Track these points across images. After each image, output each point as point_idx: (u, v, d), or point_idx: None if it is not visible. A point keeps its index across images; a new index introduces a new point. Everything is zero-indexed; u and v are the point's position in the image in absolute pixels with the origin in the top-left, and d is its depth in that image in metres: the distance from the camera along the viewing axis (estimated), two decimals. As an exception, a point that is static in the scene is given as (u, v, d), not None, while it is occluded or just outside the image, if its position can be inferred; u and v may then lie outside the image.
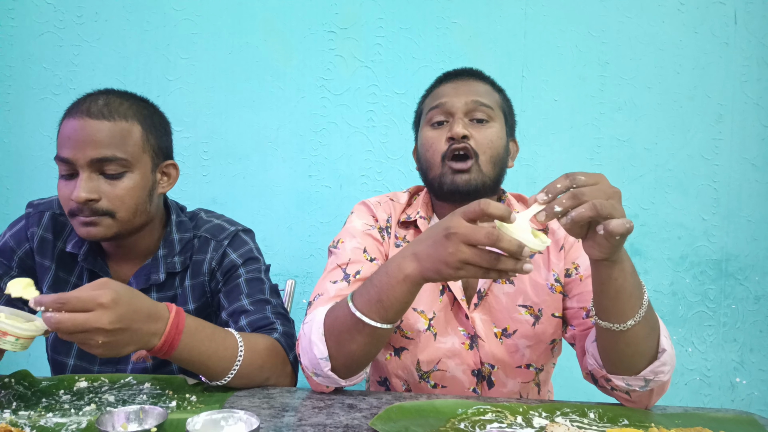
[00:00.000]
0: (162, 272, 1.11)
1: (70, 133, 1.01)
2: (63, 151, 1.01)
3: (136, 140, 1.05)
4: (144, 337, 0.85)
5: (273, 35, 1.89)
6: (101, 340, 0.80)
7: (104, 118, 1.02)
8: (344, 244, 1.12)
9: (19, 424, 0.81)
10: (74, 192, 0.99)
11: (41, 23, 1.88)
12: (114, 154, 1.01)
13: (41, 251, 1.12)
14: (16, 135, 1.90)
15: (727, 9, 1.87)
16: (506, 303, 1.09)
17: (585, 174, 0.77)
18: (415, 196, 1.24)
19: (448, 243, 0.77)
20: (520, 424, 0.85)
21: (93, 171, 1.01)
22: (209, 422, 0.74)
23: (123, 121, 1.04)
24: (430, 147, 1.09)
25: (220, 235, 1.16)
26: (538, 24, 1.88)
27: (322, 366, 0.93)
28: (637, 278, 0.86)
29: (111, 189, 1.02)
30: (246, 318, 1.07)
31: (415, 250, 0.84)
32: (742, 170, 1.90)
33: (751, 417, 0.91)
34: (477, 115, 1.08)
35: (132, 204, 1.04)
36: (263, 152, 1.90)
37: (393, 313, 0.86)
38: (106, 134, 1.01)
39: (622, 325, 0.85)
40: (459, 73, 1.15)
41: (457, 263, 0.77)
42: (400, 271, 0.84)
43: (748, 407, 1.90)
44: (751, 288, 1.92)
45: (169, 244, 1.13)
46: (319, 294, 1.05)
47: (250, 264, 1.15)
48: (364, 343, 0.89)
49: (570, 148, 1.91)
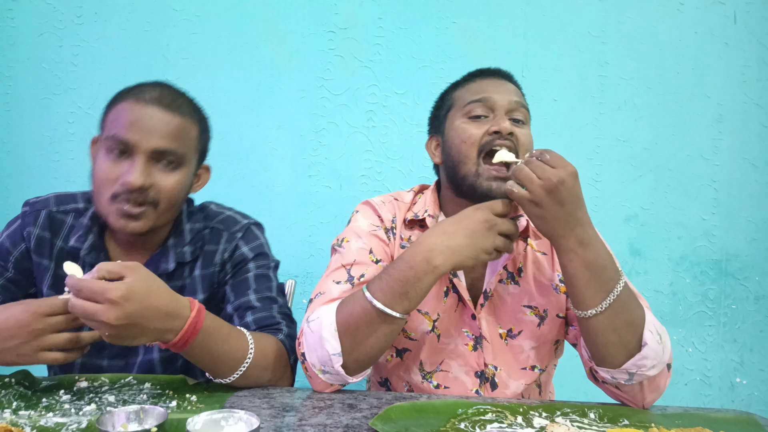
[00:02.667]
0: (172, 261, 1.10)
1: (137, 118, 1.01)
2: (124, 132, 1.00)
3: (193, 139, 1.08)
4: (157, 333, 0.86)
5: (273, 35, 1.89)
6: (107, 332, 0.83)
7: (173, 111, 1.04)
8: (349, 243, 1.11)
9: (20, 424, 0.81)
10: (131, 176, 0.99)
11: (41, 23, 1.88)
12: (175, 148, 1.03)
13: (39, 251, 1.10)
14: (15, 135, 1.90)
15: (726, 9, 1.87)
16: (511, 303, 1.09)
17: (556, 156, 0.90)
18: (419, 194, 1.22)
19: (489, 233, 0.94)
20: (520, 424, 0.85)
21: (150, 159, 1.02)
22: (209, 422, 0.74)
23: (188, 119, 1.06)
24: (468, 138, 1.05)
25: (233, 227, 1.17)
26: (537, 24, 1.88)
27: (333, 362, 0.93)
28: (601, 272, 0.90)
29: (163, 180, 1.03)
30: (252, 315, 1.08)
31: (447, 242, 0.93)
32: (741, 170, 1.90)
33: (752, 417, 0.91)
34: (516, 115, 1.07)
35: (175, 198, 1.05)
36: (263, 152, 1.90)
37: (415, 303, 0.94)
38: (173, 128, 1.03)
39: (583, 313, 0.91)
40: (494, 72, 1.15)
41: (492, 249, 0.95)
42: (429, 264, 0.92)
43: (748, 407, 1.90)
44: (751, 288, 1.92)
45: (179, 234, 1.13)
46: (321, 292, 1.05)
47: (260, 259, 1.15)
48: (384, 335, 0.94)
49: (570, 148, 1.90)
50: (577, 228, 0.90)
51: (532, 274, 1.11)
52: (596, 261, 0.90)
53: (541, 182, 0.88)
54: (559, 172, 0.88)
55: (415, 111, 1.88)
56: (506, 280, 1.10)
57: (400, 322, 0.94)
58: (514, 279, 1.10)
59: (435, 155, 1.17)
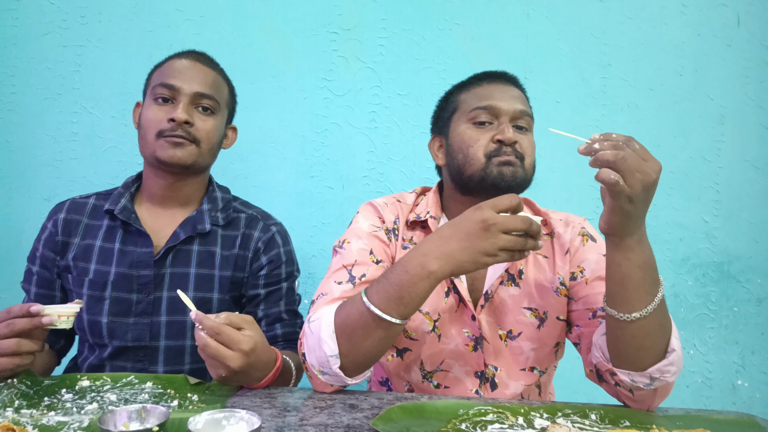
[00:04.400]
0: (207, 223, 1.22)
1: (182, 68, 1.20)
2: (171, 79, 1.18)
3: (225, 94, 1.27)
4: (251, 379, 0.97)
5: (275, 36, 1.89)
6: (224, 374, 0.92)
7: (211, 66, 1.25)
8: (350, 244, 1.11)
9: (21, 423, 0.81)
10: (176, 112, 1.15)
11: (44, 23, 1.88)
12: (212, 94, 1.21)
13: (66, 231, 1.22)
14: (19, 135, 1.90)
15: (729, 11, 1.87)
16: (512, 305, 1.09)
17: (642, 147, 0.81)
18: (421, 196, 1.23)
19: (487, 234, 0.86)
20: (521, 425, 0.85)
21: (191, 103, 1.18)
22: (211, 422, 0.74)
23: (221, 76, 1.27)
24: (474, 144, 1.07)
25: (268, 220, 1.30)
26: (539, 25, 1.89)
27: (331, 363, 0.93)
28: (651, 274, 0.87)
29: (202, 122, 1.19)
30: (282, 328, 1.23)
31: (443, 248, 0.88)
32: (743, 172, 1.90)
33: (753, 419, 0.91)
34: (520, 123, 1.09)
35: (212, 140, 1.22)
36: (265, 153, 1.90)
37: (411, 309, 0.91)
38: (211, 78, 1.23)
39: (626, 315, 0.87)
40: (500, 76, 1.15)
41: (495, 251, 0.86)
42: (424, 269, 0.89)
43: (750, 409, 1.90)
44: (753, 290, 1.91)
45: (213, 200, 1.27)
46: (323, 293, 1.05)
47: (290, 266, 1.28)
48: (380, 339, 0.92)
49: (571, 150, 1.90)
50: (642, 226, 0.86)
51: (533, 276, 1.11)
52: (649, 262, 0.86)
53: (640, 177, 0.79)
54: (654, 166, 0.80)
55: (418, 112, 1.88)
56: (507, 281, 1.10)
57: (396, 327, 0.92)
58: (515, 281, 1.10)
59: (438, 156, 1.17)
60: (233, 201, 1.30)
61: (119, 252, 1.18)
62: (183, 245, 1.20)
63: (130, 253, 1.18)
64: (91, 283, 1.17)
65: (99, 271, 1.17)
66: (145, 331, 1.15)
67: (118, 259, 1.17)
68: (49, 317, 0.94)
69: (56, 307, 0.96)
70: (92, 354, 1.19)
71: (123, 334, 1.15)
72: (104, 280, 1.16)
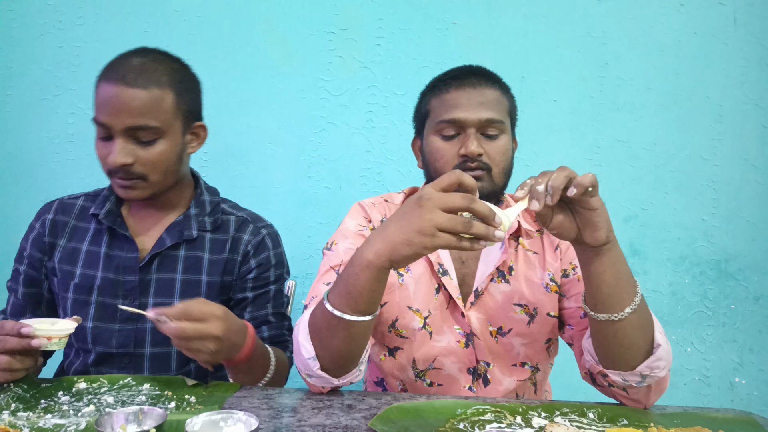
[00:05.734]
0: (195, 229, 1.17)
1: (107, 99, 1.05)
2: (100, 115, 1.06)
3: (169, 107, 1.08)
4: (234, 348, 0.96)
5: (273, 36, 1.89)
6: (213, 347, 0.90)
7: (139, 86, 1.05)
8: (338, 245, 1.12)
9: (18, 426, 0.81)
10: (110, 156, 1.05)
11: (41, 24, 1.88)
12: (147, 123, 1.05)
13: (53, 232, 1.19)
14: (16, 136, 1.90)
15: (726, 10, 1.87)
16: (502, 302, 1.10)
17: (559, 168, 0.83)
18: (409, 196, 1.23)
19: (422, 210, 0.78)
20: (519, 425, 0.85)
21: (128, 137, 1.06)
22: (208, 423, 0.74)
23: (157, 89, 1.06)
24: (441, 158, 1.09)
25: (258, 222, 1.25)
26: (537, 25, 1.88)
27: (311, 366, 0.92)
28: (626, 276, 0.88)
29: (144, 154, 1.07)
30: (268, 331, 1.18)
31: (382, 233, 0.83)
32: (741, 171, 1.90)
33: (751, 417, 0.91)
34: (489, 132, 1.08)
35: (163, 168, 1.10)
36: (263, 153, 1.90)
37: (363, 303, 0.85)
38: (141, 103, 1.04)
39: (614, 315, 0.88)
40: (468, 75, 1.11)
41: (432, 229, 0.77)
42: (363, 259, 0.84)
43: (748, 407, 1.89)
44: (751, 288, 1.92)
45: (200, 204, 1.21)
46: (313, 296, 1.06)
47: (279, 268, 1.23)
48: (344, 339, 0.89)
49: (570, 149, 1.91)
50: (611, 229, 0.87)
51: (523, 273, 1.11)
52: (623, 261, 0.89)
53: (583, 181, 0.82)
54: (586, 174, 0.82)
55: (415, 112, 1.88)
56: (497, 278, 1.11)
57: (356, 324, 0.87)
58: (505, 277, 1.11)
59: (418, 158, 1.20)
60: (222, 203, 1.25)
61: (105, 256, 1.15)
62: (169, 251, 1.15)
63: (116, 258, 1.14)
64: (76, 287, 1.14)
65: (85, 275, 1.14)
66: (130, 337, 1.13)
67: (104, 263, 1.15)
68: (38, 340, 0.90)
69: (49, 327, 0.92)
70: (78, 359, 1.17)
71: (107, 340, 1.12)
72: (90, 284, 1.14)
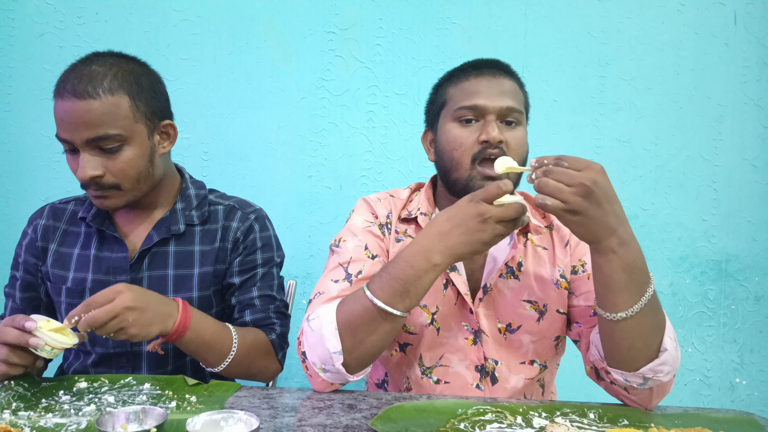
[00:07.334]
0: (182, 223, 1.17)
1: (63, 115, 1.03)
2: (59, 131, 1.05)
3: (126, 112, 1.05)
4: (163, 317, 0.96)
5: (273, 36, 1.89)
6: (131, 317, 0.91)
7: (90, 97, 1.01)
8: (346, 242, 1.12)
9: (19, 425, 0.81)
10: (79, 171, 1.04)
11: (41, 24, 1.88)
12: (107, 132, 1.03)
13: (45, 237, 1.19)
14: (16, 136, 1.90)
15: (727, 10, 1.87)
16: (511, 298, 1.09)
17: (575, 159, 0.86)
18: (416, 192, 1.23)
19: (485, 226, 0.90)
20: (519, 425, 0.85)
21: (92, 149, 1.04)
22: (209, 423, 0.74)
23: (109, 96, 1.03)
24: (459, 146, 1.06)
25: (246, 208, 1.24)
26: (538, 24, 1.88)
27: (334, 360, 0.93)
28: (637, 275, 0.87)
29: (112, 164, 1.05)
30: (251, 315, 1.17)
31: (446, 243, 0.91)
32: (742, 171, 1.90)
33: (751, 417, 0.91)
34: (508, 119, 1.07)
35: (134, 174, 1.08)
36: (263, 153, 1.90)
37: (417, 301, 0.94)
38: (95, 114, 1.02)
39: (612, 315, 0.88)
40: (488, 65, 1.13)
41: (493, 239, 0.91)
42: (429, 262, 0.91)
43: (748, 408, 1.90)
44: (751, 288, 1.92)
45: (186, 198, 1.20)
46: (320, 292, 1.05)
47: (267, 251, 1.22)
48: (384, 333, 0.94)
49: (570, 149, 1.90)
50: (619, 227, 0.85)
51: (533, 269, 1.11)
52: (634, 263, 0.86)
53: (572, 189, 0.83)
54: (587, 174, 0.83)
55: (416, 111, 1.88)
56: (506, 274, 1.10)
57: (400, 320, 0.94)
58: (514, 273, 1.10)
59: (429, 152, 1.18)
60: (209, 194, 1.24)
61: (95, 258, 1.15)
62: (159, 247, 1.15)
63: (105, 259, 1.14)
64: (68, 291, 1.15)
65: (77, 278, 1.15)
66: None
67: (94, 265, 1.15)
68: (36, 340, 0.90)
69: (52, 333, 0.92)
70: (77, 360, 1.17)
71: (105, 340, 1.12)
72: (82, 287, 1.14)
